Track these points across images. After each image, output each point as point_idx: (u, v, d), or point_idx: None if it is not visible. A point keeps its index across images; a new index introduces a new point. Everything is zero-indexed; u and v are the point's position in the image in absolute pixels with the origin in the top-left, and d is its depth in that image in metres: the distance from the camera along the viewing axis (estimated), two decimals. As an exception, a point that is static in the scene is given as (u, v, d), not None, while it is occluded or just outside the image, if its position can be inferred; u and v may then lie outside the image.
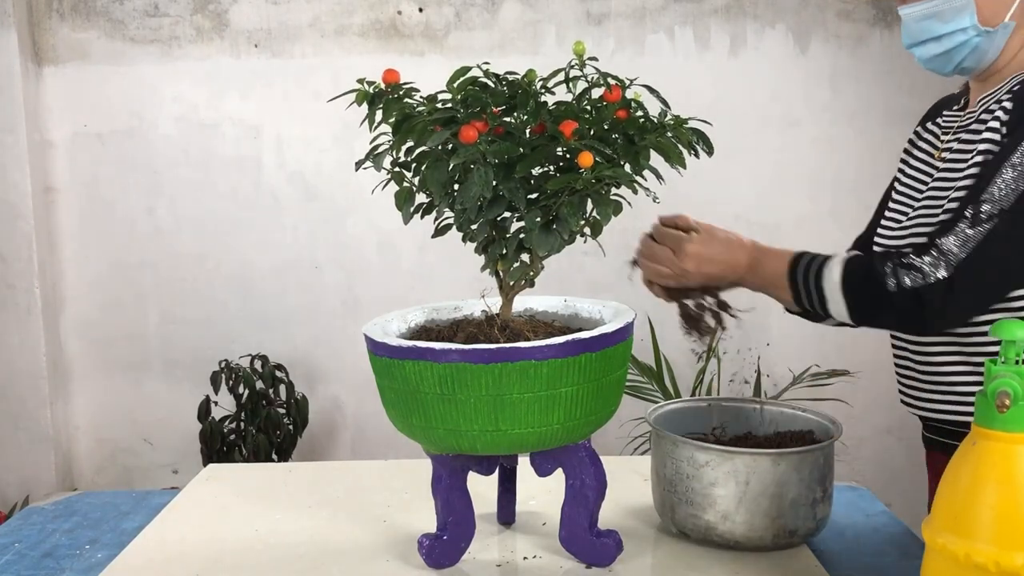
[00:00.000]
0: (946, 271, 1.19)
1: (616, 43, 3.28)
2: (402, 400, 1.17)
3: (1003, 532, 0.84)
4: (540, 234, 1.14)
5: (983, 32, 1.26)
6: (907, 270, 1.21)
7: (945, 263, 1.19)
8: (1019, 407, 0.85)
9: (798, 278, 1.29)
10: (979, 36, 1.27)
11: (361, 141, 1.24)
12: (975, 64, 1.30)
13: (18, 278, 3.23)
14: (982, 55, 1.28)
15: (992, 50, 1.28)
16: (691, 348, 1.42)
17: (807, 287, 1.29)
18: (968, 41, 1.27)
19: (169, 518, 1.45)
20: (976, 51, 1.28)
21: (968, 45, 1.27)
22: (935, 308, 1.20)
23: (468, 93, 1.14)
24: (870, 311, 1.27)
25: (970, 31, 1.26)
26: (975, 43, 1.27)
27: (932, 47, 1.30)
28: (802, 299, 1.30)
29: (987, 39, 1.27)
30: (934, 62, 1.32)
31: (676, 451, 1.29)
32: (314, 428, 3.35)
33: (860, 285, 1.25)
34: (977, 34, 1.26)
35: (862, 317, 1.27)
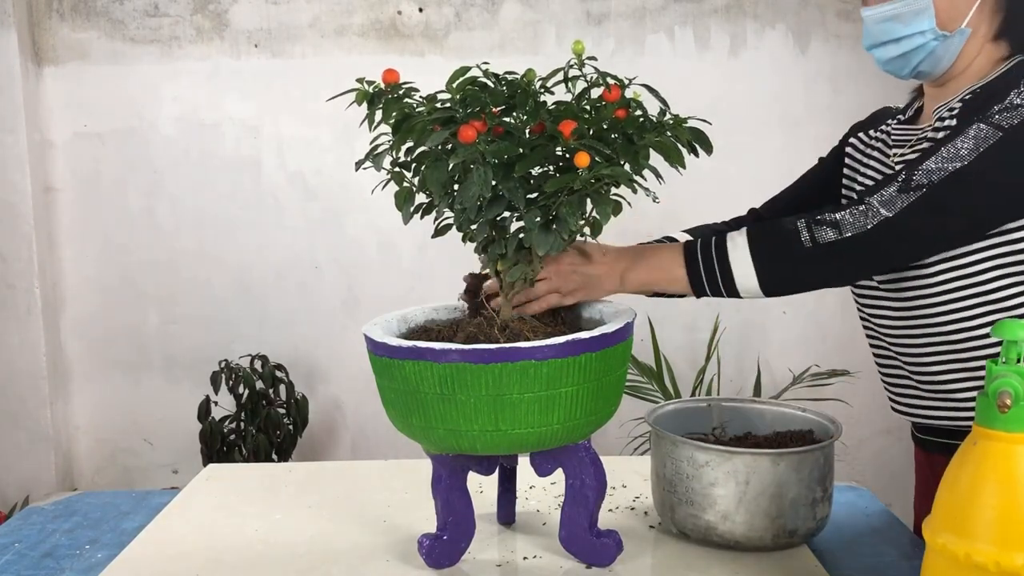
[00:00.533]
0: (868, 225, 1.20)
1: (616, 43, 3.28)
2: (402, 400, 1.17)
3: (1003, 532, 0.84)
4: (540, 234, 1.14)
5: (940, 36, 1.27)
6: (821, 225, 1.22)
7: (866, 220, 1.20)
8: (1020, 407, 0.85)
9: (697, 255, 1.28)
10: (936, 40, 1.27)
11: (361, 141, 1.24)
12: (931, 68, 1.30)
13: (18, 278, 3.23)
14: (938, 59, 1.29)
15: (948, 55, 1.28)
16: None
17: (708, 263, 1.27)
18: (926, 44, 1.28)
19: (169, 518, 1.45)
20: (933, 55, 1.29)
21: (925, 48, 1.28)
22: (853, 263, 1.22)
23: (467, 93, 1.14)
24: (781, 273, 1.26)
25: (928, 34, 1.27)
26: (932, 47, 1.28)
27: (891, 49, 1.31)
28: (701, 279, 1.28)
29: (944, 44, 1.27)
30: (892, 64, 1.33)
31: (676, 451, 1.29)
32: (314, 428, 3.35)
33: (770, 247, 1.25)
34: (935, 38, 1.27)
35: (773, 282, 1.26)
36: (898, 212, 1.19)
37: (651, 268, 1.31)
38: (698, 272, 1.29)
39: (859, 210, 1.21)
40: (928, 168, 1.20)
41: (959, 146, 1.19)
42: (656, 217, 3.20)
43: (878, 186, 1.23)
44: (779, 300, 3.38)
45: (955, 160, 1.19)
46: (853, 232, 1.20)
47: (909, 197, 1.20)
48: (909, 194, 1.20)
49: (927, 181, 1.19)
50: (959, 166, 1.18)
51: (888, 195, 1.21)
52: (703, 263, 1.28)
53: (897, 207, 1.20)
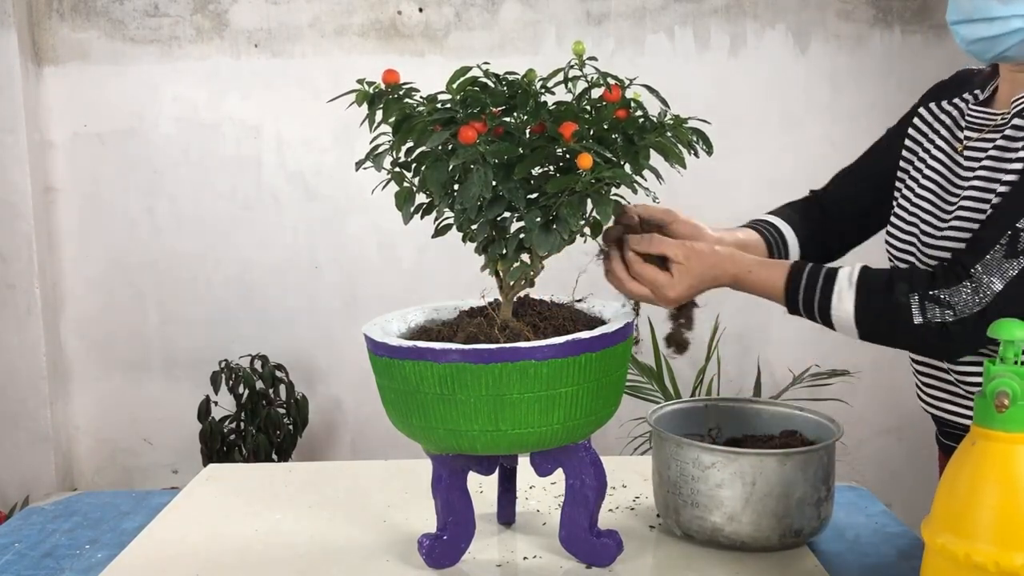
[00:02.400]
0: (979, 305, 1.14)
1: (616, 43, 3.28)
2: (402, 400, 1.17)
3: (1003, 532, 0.84)
4: (540, 234, 1.14)
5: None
6: (937, 304, 1.16)
7: (980, 298, 1.14)
8: (1018, 407, 0.85)
9: (797, 297, 1.24)
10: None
11: (361, 141, 1.24)
12: (1019, 55, 1.20)
13: (18, 278, 3.23)
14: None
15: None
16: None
17: (808, 306, 1.24)
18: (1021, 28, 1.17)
19: (169, 518, 1.45)
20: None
21: (1021, 33, 1.17)
22: (963, 343, 1.17)
23: (468, 93, 1.14)
24: (887, 337, 1.23)
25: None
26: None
27: (981, 28, 1.19)
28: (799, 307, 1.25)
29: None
30: (977, 45, 1.21)
31: (681, 453, 1.29)
32: (314, 428, 3.35)
33: (878, 319, 1.20)
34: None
35: (874, 339, 1.23)
36: (1008, 283, 1.13)
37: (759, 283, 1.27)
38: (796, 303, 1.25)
39: (967, 287, 1.15)
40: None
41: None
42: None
43: (981, 248, 1.16)
44: (779, 300, 3.38)
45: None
46: (968, 314, 1.14)
47: (1018, 263, 1.13)
48: (1018, 259, 1.13)
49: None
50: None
51: (994, 262, 1.14)
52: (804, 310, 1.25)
53: (1007, 277, 1.13)
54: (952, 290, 1.16)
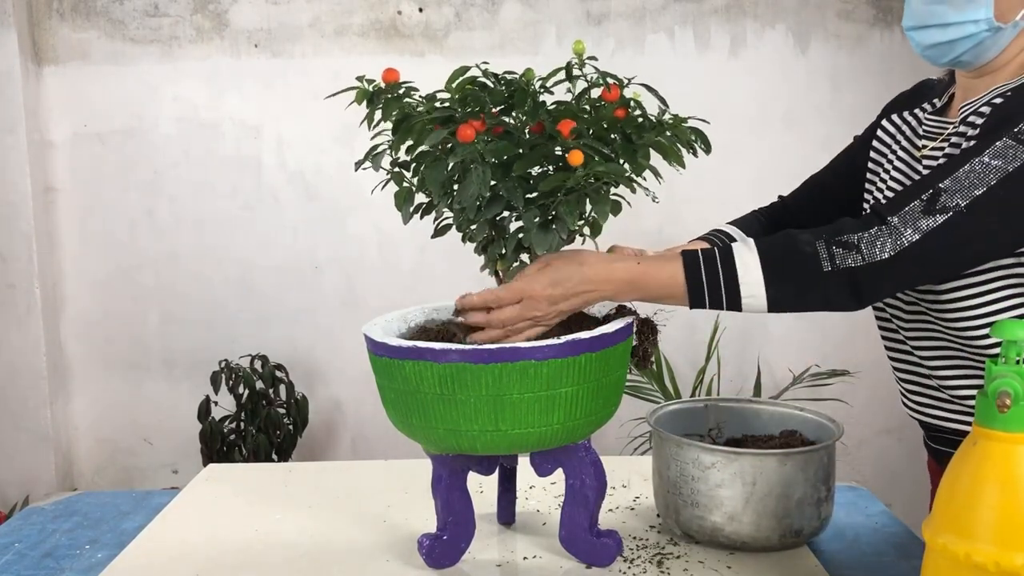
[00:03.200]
0: (891, 251, 1.13)
1: (616, 43, 3.28)
2: (402, 400, 1.16)
3: (1003, 532, 0.84)
4: (539, 233, 1.14)
5: (994, 27, 1.19)
6: (844, 248, 1.13)
7: (892, 244, 1.13)
8: (1020, 407, 0.85)
9: (700, 280, 1.17)
10: (989, 31, 1.20)
11: (361, 141, 1.24)
12: (973, 59, 1.23)
13: (18, 278, 3.23)
14: (984, 51, 1.22)
15: (995, 48, 1.22)
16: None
17: (713, 287, 1.17)
18: (976, 35, 1.20)
19: (169, 518, 1.45)
20: (980, 46, 1.21)
21: (975, 39, 1.20)
22: (872, 290, 1.15)
23: (466, 93, 1.14)
24: (794, 295, 1.17)
25: (982, 24, 1.19)
26: (982, 37, 1.20)
27: (935, 34, 1.22)
28: (703, 294, 1.18)
29: (994, 35, 1.20)
30: (932, 50, 1.24)
31: (681, 453, 1.28)
32: (314, 428, 3.35)
33: (785, 267, 1.16)
34: (988, 28, 1.20)
35: (781, 303, 1.17)
36: (922, 237, 1.12)
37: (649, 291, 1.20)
38: (700, 292, 1.18)
39: (882, 231, 1.14)
40: (952, 188, 1.13)
41: (987, 164, 1.13)
42: (656, 217, 3.20)
43: (900, 200, 1.16)
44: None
45: (981, 184, 1.12)
46: (877, 257, 1.13)
47: (934, 220, 1.12)
48: (934, 216, 1.13)
49: (952, 204, 1.12)
50: (984, 191, 1.12)
51: (911, 214, 1.14)
52: (707, 281, 1.18)
53: (921, 230, 1.13)
54: (862, 234, 1.14)
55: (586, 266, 1.17)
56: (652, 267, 1.19)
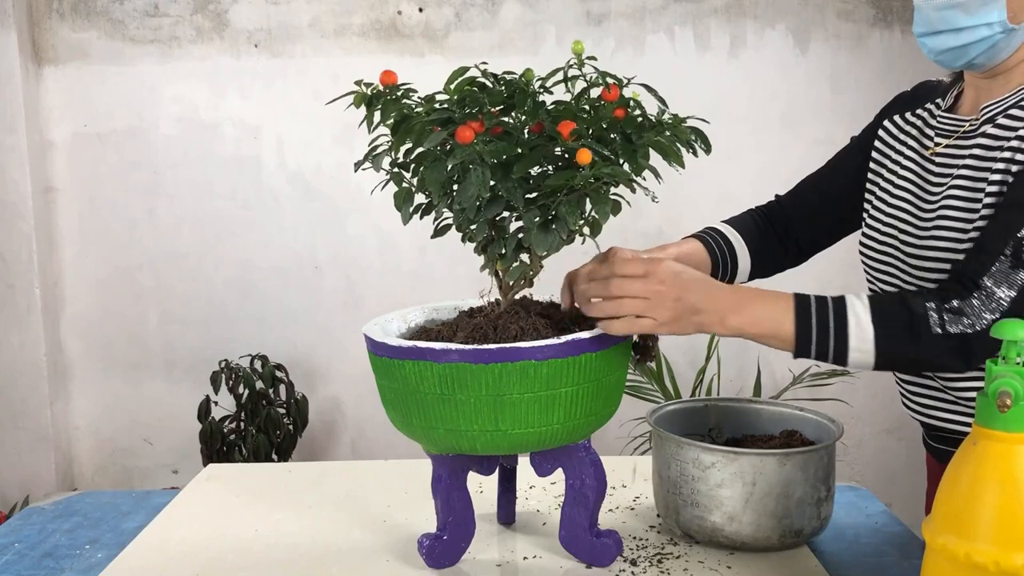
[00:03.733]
0: (994, 314, 1.11)
1: (616, 43, 3.28)
2: (402, 400, 1.16)
3: (1003, 532, 0.84)
4: (539, 233, 1.14)
5: (1008, 29, 1.18)
6: (954, 315, 1.12)
7: (992, 308, 1.12)
8: (1020, 407, 0.85)
9: (812, 320, 1.15)
10: (1003, 33, 1.19)
11: (361, 141, 1.24)
12: (987, 61, 1.22)
13: (18, 278, 3.23)
14: (997, 53, 1.21)
15: (1009, 49, 1.21)
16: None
17: (823, 332, 1.14)
18: (990, 37, 1.19)
19: (169, 518, 1.45)
20: (993, 48, 1.20)
21: (988, 41, 1.19)
22: (981, 354, 1.12)
23: (466, 93, 1.14)
24: (903, 356, 1.16)
25: (996, 27, 1.18)
26: (996, 40, 1.19)
27: (948, 39, 1.22)
28: (810, 346, 1.15)
29: (1008, 37, 1.19)
30: (946, 55, 1.23)
31: (681, 453, 1.28)
32: (314, 428, 3.35)
33: (897, 332, 1.14)
34: (1002, 30, 1.18)
35: (889, 362, 1.16)
36: (1019, 292, 1.11)
37: (757, 320, 1.17)
38: (808, 338, 1.15)
39: (981, 297, 1.12)
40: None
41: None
42: (656, 217, 3.20)
43: (984, 260, 1.13)
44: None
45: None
46: (985, 323, 1.11)
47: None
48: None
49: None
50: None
51: (1001, 272, 1.12)
52: (817, 330, 1.14)
53: (1017, 285, 1.11)
54: (964, 302, 1.13)
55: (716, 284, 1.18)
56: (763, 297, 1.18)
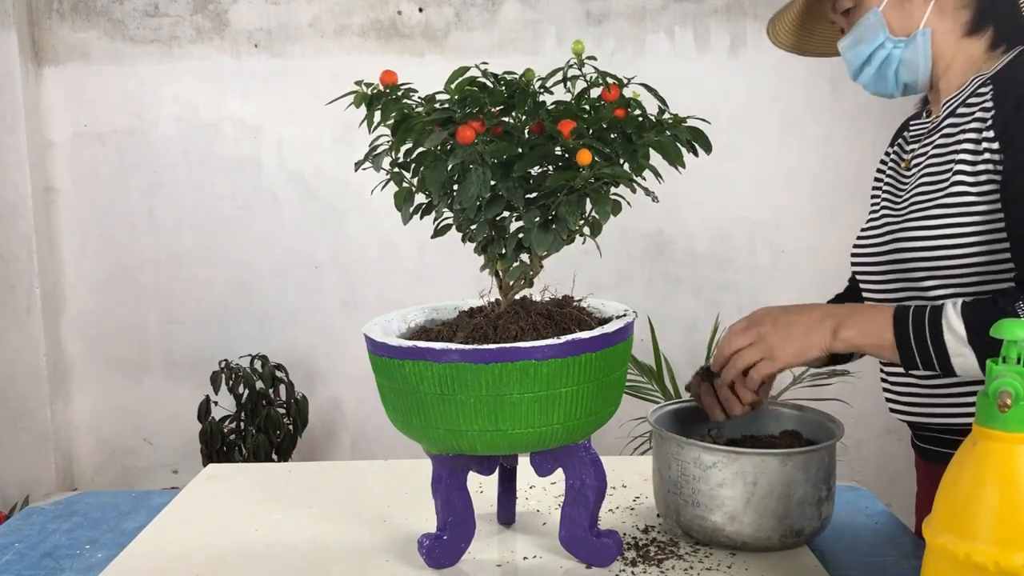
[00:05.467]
0: None
1: (616, 43, 3.28)
2: (402, 400, 1.16)
3: (1003, 532, 0.84)
4: (539, 233, 1.14)
5: (900, 43, 1.29)
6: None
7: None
8: (1020, 407, 0.85)
9: (907, 334, 1.19)
10: (898, 48, 1.29)
11: (361, 141, 1.24)
12: (912, 77, 1.32)
13: (18, 278, 3.23)
14: (913, 65, 1.30)
15: (920, 59, 1.29)
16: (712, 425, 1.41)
17: (919, 338, 1.18)
18: (890, 55, 1.30)
19: (169, 518, 1.45)
20: (904, 63, 1.30)
21: (893, 59, 1.30)
22: None
23: (466, 93, 1.14)
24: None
25: (887, 44, 1.29)
26: (897, 55, 1.30)
27: (867, 70, 1.33)
28: (913, 353, 1.19)
29: (909, 49, 1.29)
30: (876, 85, 1.35)
31: (682, 453, 1.28)
32: (314, 428, 3.35)
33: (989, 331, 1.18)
34: (895, 46, 1.29)
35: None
36: None
37: (863, 330, 1.22)
38: (909, 348, 1.19)
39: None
40: None
41: None
42: (656, 217, 3.21)
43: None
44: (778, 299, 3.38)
45: None
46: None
47: None
48: None
49: None
50: None
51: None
52: (915, 339, 1.18)
53: None
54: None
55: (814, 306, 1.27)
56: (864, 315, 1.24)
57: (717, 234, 3.32)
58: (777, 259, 3.35)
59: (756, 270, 3.35)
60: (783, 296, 3.36)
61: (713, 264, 3.34)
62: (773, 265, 3.35)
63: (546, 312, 1.24)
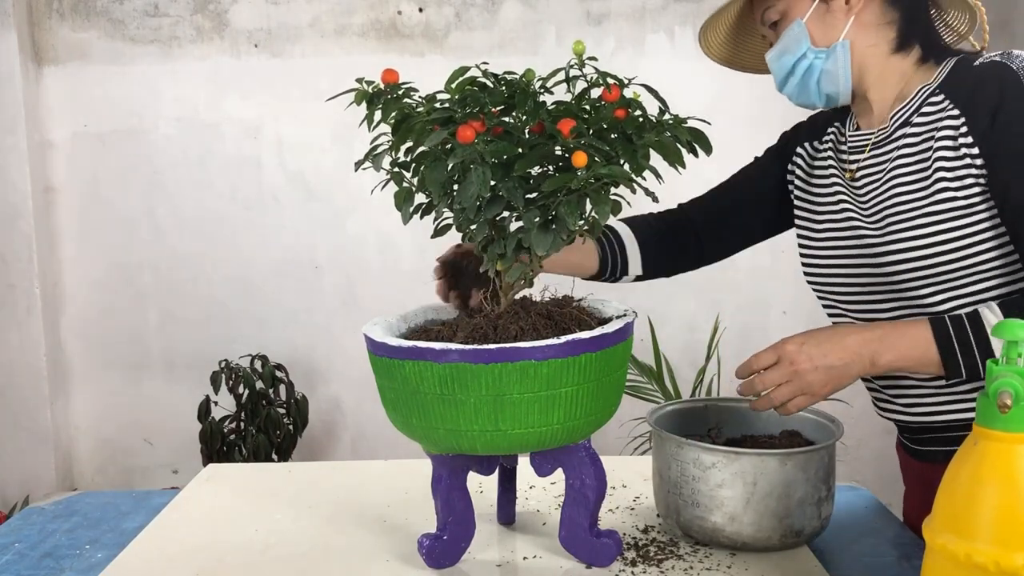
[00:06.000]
0: None
1: (616, 43, 3.28)
2: (402, 400, 1.16)
3: (1003, 532, 0.84)
4: (539, 233, 1.14)
5: (821, 54, 1.30)
6: None
7: None
8: (1020, 407, 0.85)
9: (952, 340, 1.18)
10: (819, 58, 1.30)
11: (361, 141, 1.24)
12: (834, 88, 1.32)
13: (18, 278, 3.23)
14: (834, 76, 1.31)
15: (840, 69, 1.30)
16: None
17: (966, 348, 1.17)
18: (812, 65, 1.31)
19: (169, 518, 1.45)
20: (825, 73, 1.31)
21: (814, 69, 1.31)
22: None
23: (466, 93, 1.14)
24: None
25: (809, 55, 1.30)
26: (819, 66, 1.31)
27: (792, 81, 1.35)
28: (959, 364, 1.18)
29: (829, 60, 1.30)
30: (800, 96, 1.36)
31: (681, 453, 1.28)
32: (314, 428, 3.35)
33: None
34: (816, 56, 1.30)
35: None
36: None
37: (901, 352, 1.20)
38: (955, 360, 1.18)
39: None
40: None
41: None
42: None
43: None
44: (778, 299, 3.38)
45: None
46: None
47: None
48: None
49: None
50: None
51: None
52: (960, 349, 1.17)
53: None
54: None
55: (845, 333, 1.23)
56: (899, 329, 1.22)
57: (717, 234, 3.32)
58: (777, 259, 3.35)
59: (756, 270, 3.35)
60: (783, 296, 3.36)
61: (713, 264, 3.34)
62: (773, 265, 3.34)
63: (546, 312, 1.24)
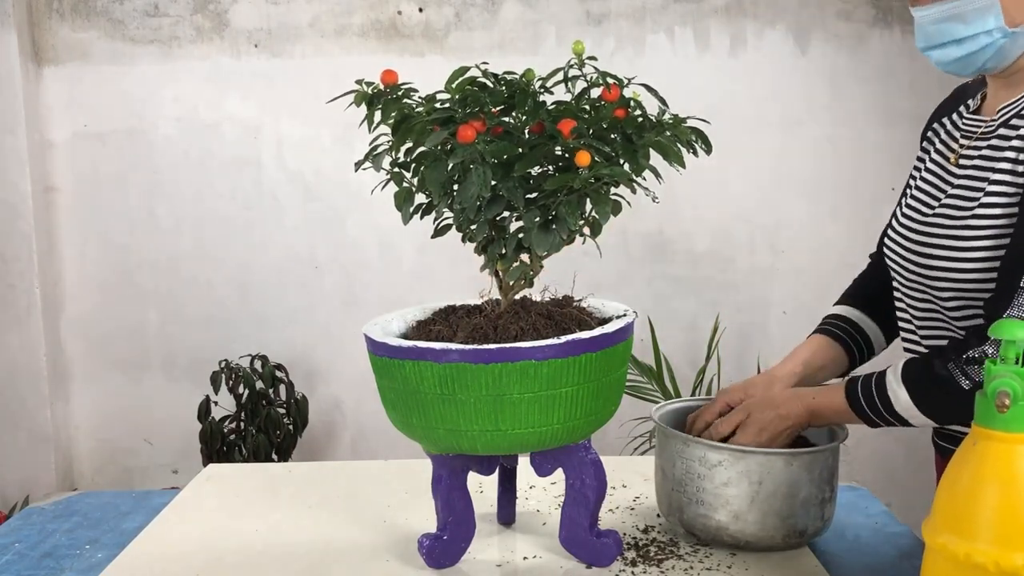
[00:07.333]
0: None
1: (616, 43, 3.28)
2: (402, 400, 1.17)
3: (1003, 532, 0.84)
4: (539, 233, 1.14)
5: (1009, 33, 1.19)
6: (977, 364, 1.14)
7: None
8: (1019, 407, 0.85)
9: (866, 412, 1.25)
10: (1005, 37, 1.20)
11: (361, 141, 1.24)
12: (997, 65, 1.23)
13: (18, 278, 3.23)
14: (1005, 56, 1.22)
15: (1016, 50, 1.21)
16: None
17: (879, 415, 1.24)
18: (993, 43, 1.20)
19: (169, 518, 1.45)
20: (1000, 52, 1.21)
21: (992, 47, 1.21)
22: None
23: (466, 93, 1.14)
24: (953, 413, 1.21)
25: (995, 33, 1.20)
26: (1000, 44, 1.20)
27: (952, 50, 1.23)
28: (874, 421, 1.26)
29: (1012, 40, 1.20)
30: (954, 65, 1.25)
31: (687, 451, 1.28)
32: (314, 428, 3.35)
33: (934, 399, 1.20)
34: (1003, 36, 1.20)
35: (948, 418, 1.24)
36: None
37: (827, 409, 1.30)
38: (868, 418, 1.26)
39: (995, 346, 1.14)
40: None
41: None
42: (656, 216, 3.20)
43: (1003, 295, 1.15)
44: (778, 299, 3.38)
45: None
46: None
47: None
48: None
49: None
50: None
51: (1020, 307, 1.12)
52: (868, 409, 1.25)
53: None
54: (986, 346, 1.14)
55: (780, 407, 1.31)
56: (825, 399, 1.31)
57: (717, 234, 3.32)
58: (777, 259, 3.35)
59: (756, 270, 3.35)
60: (783, 296, 3.36)
61: (713, 264, 3.34)
62: (773, 265, 3.35)
63: (546, 312, 1.24)
